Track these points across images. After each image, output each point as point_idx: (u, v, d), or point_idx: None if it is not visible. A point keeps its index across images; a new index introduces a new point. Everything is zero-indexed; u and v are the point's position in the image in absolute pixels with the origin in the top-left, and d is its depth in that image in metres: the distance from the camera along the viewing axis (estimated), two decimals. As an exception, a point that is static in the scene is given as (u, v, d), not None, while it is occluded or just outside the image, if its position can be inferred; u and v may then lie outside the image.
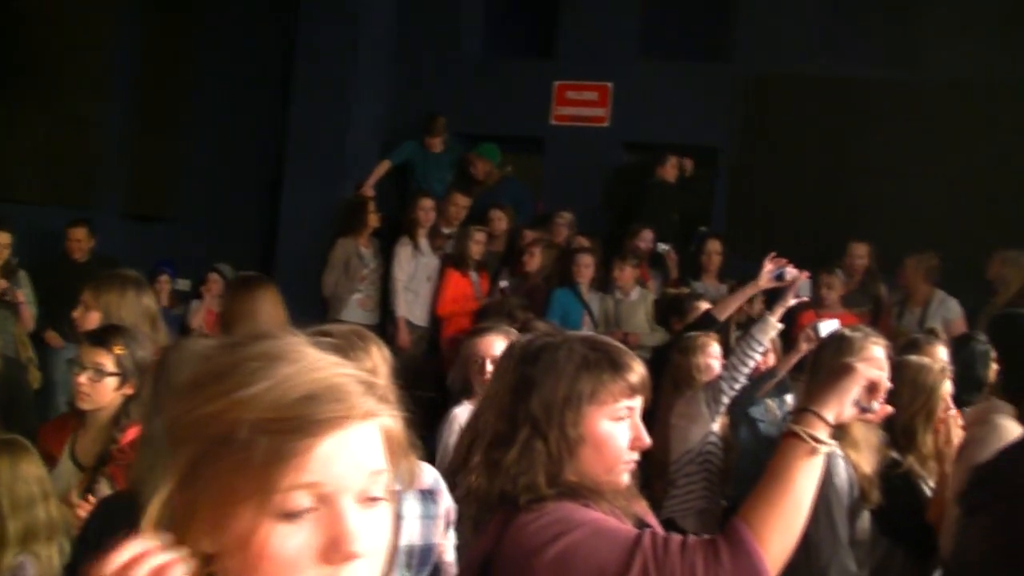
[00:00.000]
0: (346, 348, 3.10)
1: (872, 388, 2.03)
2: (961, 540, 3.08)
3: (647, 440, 2.11)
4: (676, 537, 1.93)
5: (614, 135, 10.09)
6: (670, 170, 9.36)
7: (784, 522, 1.90)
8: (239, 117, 10.42)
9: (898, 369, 4.06)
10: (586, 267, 8.00)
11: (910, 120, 9.06)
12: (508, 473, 2.04)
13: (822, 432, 1.94)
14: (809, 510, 3.24)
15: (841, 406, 1.98)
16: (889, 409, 2.12)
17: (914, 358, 4.31)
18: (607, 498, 2.06)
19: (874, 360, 3.82)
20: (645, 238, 8.72)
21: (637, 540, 1.89)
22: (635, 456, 2.11)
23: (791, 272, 5.26)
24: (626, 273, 8.00)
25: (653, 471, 5.04)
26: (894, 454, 4.01)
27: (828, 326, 4.96)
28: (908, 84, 9.24)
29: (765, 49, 9.61)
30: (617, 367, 2.08)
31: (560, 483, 2.03)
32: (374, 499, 1.15)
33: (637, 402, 2.11)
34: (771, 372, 5.49)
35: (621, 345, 2.21)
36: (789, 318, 5.73)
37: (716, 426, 4.97)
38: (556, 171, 10.19)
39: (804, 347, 5.24)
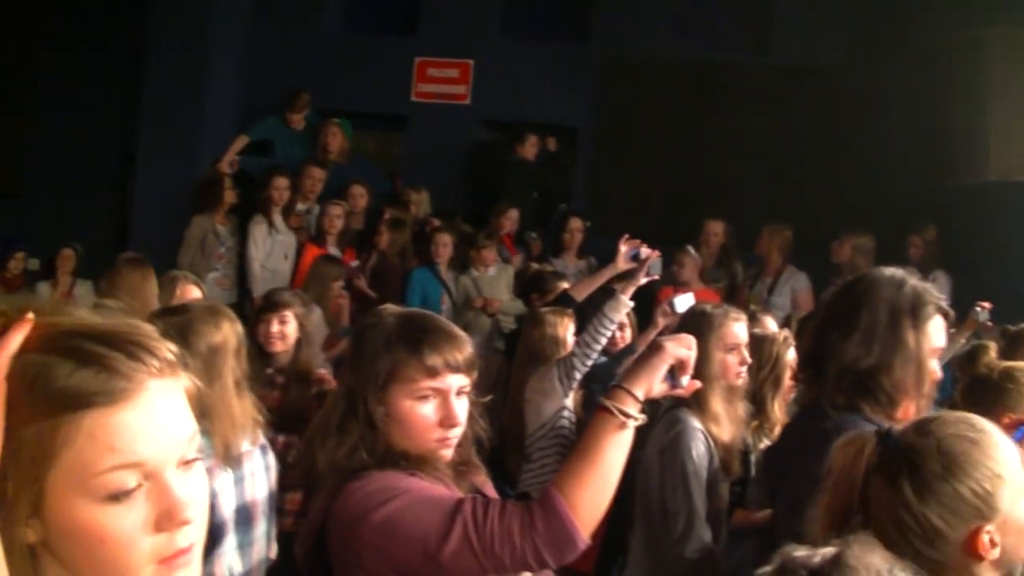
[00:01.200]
0: (196, 323, 3.16)
1: (680, 365, 2.10)
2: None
3: (458, 419, 2.14)
4: (497, 503, 2.02)
5: (475, 113, 10.10)
6: (530, 148, 9.40)
7: (594, 491, 1.98)
8: (91, 92, 10.00)
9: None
10: (444, 246, 7.95)
11: (762, 102, 9.34)
12: (333, 445, 2.16)
13: (632, 407, 2.02)
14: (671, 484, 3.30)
15: (651, 383, 2.06)
16: (697, 384, 2.18)
17: (758, 330, 4.48)
18: (433, 467, 2.16)
19: (733, 335, 3.93)
20: (511, 217, 8.73)
21: (458, 506, 1.99)
22: (449, 433, 2.16)
23: (645, 252, 5.31)
24: (486, 253, 7.97)
25: (508, 445, 5.07)
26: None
27: (683, 300, 5.03)
28: (761, 68, 9.50)
29: (624, 29, 9.74)
30: (416, 348, 2.14)
31: (379, 454, 2.13)
32: (190, 461, 1.19)
33: (448, 381, 2.15)
34: (629, 348, 5.55)
35: (444, 326, 2.24)
36: (650, 294, 5.82)
37: (569, 401, 5.00)
38: (417, 148, 10.14)
39: (661, 322, 5.31)
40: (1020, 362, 3.69)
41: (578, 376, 4.91)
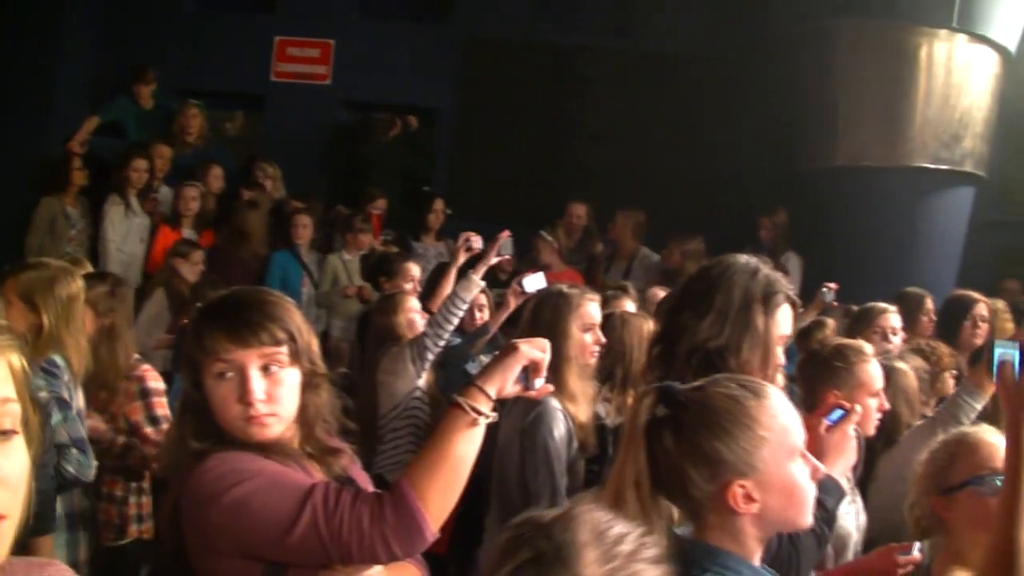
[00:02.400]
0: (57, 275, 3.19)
1: (534, 367, 2.11)
2: None
3: (254, 395, 2.09)
4: (349, 491, 2.02)
5: (336, 93, 9.99)
6: (392, 130, 9.34)
7: (444, 485, 2.00)
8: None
9: (608, 321, 4.28)
10: (304, 227, 7.83)
11: (622, 87, 9.47)
12: (175, 429, 2.23)
13: (484, 405, 2.03)
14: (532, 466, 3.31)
15: (504, 382, 2.08)
16: (550, 388, 2.19)
17: (618, 312, 4.57)
18: (282, 450, 2.15)
19: (588, 315, 3.99)
20: (379, 206, 8.66)
21: (309, 492, 1.98)
22: (252, 411, 2.10)
23: (476, 241, 5.35)
24: (363, 237, 7.89)
25: (361, 428, 5.01)
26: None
27: (533, 280, 5.05)
28: (621, 53, 9.64)
29: (486, 12, 9.76)
30: (210, 325, 2.13)
31: (212, 436, 2.13)
32: (5, 432, 1.17)
33: (241, 356, 2.10)
34: (483, 329, 5.57)
35: (249, 301, 2.20)
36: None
37: (422, 382, 5.00)
38: (276, 129, 9.97)
39: (512, 302, 5.32)
40: (854, 341, 3.81)
41: (430, 357, 4.92)
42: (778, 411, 1.95)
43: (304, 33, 9.97)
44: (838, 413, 2.55)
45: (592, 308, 4.01)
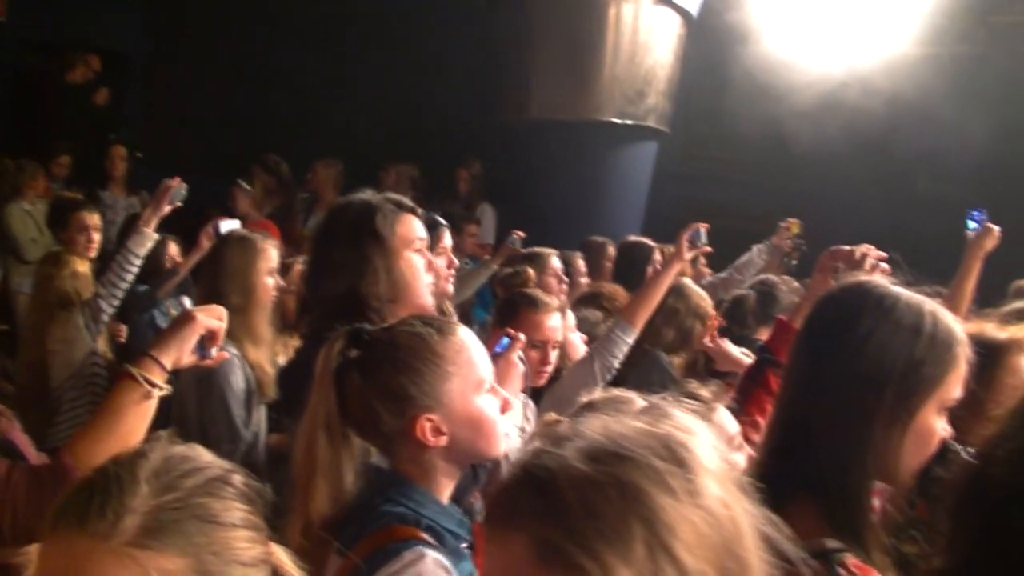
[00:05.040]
0: None
1: (211, 336, 2.10)
2: None
3: None
4: (5, 463, 1.94)
5: (13, 32, 9.32)
6: (78, 73, 8.84)
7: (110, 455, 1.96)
8: None
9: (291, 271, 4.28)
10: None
11: (316, 37, 9.33)
12: None
13: (158, 376, 2.01)
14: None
15: (180, 352, 2.05)
16: (226, 355, 2.19)
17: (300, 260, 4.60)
18: None
19: (271, 259, 3.98)
20: (62, 163, 8.18)
21: None
22: None
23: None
24: (36, 184, 7.44)
25: (28, 402, 4.72)
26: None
27: (227, 224, 5.00)
28: (313, 3, 9.49)
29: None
30: None
31: None
32: None
33: None
34: (172, 271, 5.42)
35: None
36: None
37: (99, 345, 4.80)
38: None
39: (205, 244, 5.19)
40: (542, 292, 3.99)
41: (106, 318, 4.73)
42: (463, 347, 2.00)
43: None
44: (505, 342, 2.69)
45: (273, 253, 4.04)
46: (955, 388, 1.75)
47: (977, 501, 1.55)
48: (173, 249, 5.77)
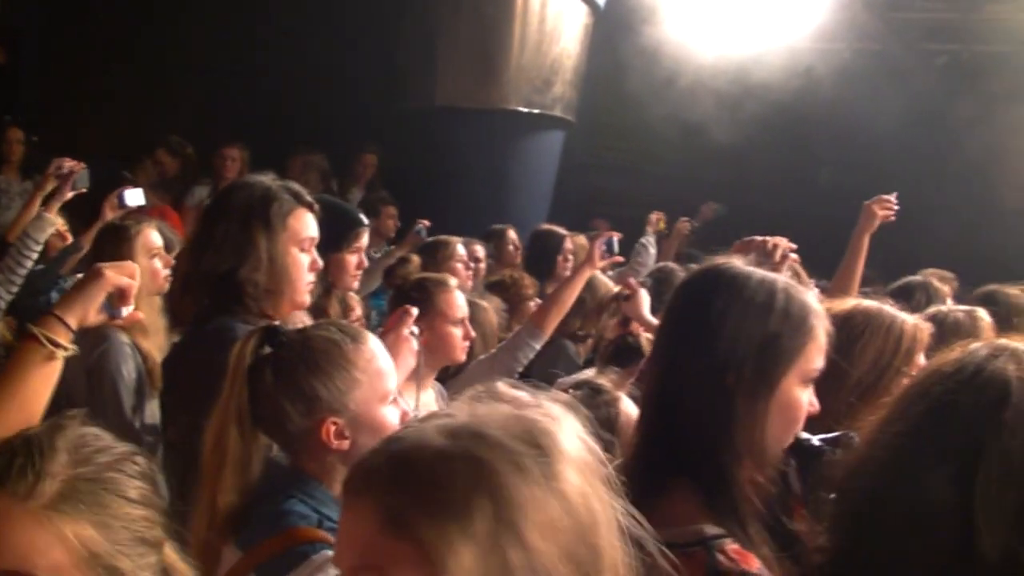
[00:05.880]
0: None
1: (120, 294, 2.03)
2: None
3: None
4: None
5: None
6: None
7: (13, 426, 1.82)
8: None
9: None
10: None
11: (219, 15, 9.12)
12: None
13: (62, 336, 1.93)
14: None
15: (86, 311, 1.98)
16: (140, 315, 2.16)
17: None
18: None
19: (151, 242, 3.90)
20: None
21: None
22: None
23: (70, 164, 5.04)
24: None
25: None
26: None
27: (133, 195, 4.94)
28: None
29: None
30: None
31: None
32: None
33: None
34: (74, 246, 5.30)
35: None
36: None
37: (-1, 329, 4.67)
38: None
39: (109, 214, 5.09)
40: (436, 274, 3.97)
41: (2, 305, 4.60)
42: (374, 356, 2.07)
43: None
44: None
45: (154, 236, 3.97)
46: (815, 359, 1.79)
47: (862, 480, 1.60)
48: (60, 225, 5.62)
